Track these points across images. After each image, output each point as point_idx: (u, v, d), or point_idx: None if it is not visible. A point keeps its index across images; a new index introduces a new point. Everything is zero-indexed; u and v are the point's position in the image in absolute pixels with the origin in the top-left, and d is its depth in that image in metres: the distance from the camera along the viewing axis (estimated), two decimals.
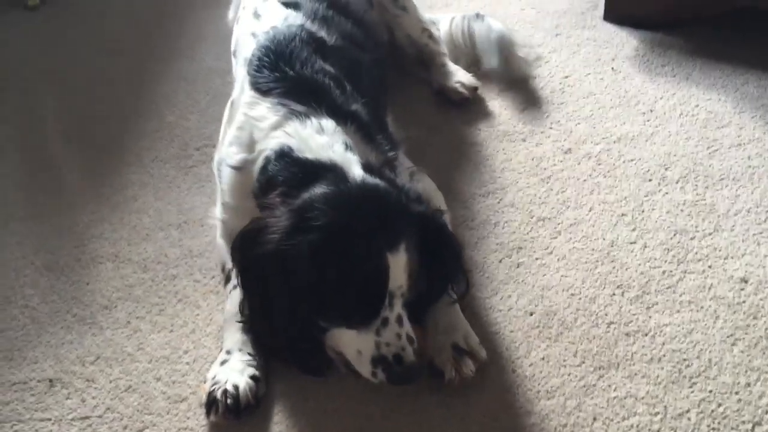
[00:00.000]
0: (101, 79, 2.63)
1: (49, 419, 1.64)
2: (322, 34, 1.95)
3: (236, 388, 1.59)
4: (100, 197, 2.16)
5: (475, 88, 2.37)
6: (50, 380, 1.72)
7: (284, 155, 1.64)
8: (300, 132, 1.67)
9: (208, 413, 1.59)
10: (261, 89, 1.78)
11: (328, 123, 1.68)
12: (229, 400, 1.57)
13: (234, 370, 1.62)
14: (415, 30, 2.45)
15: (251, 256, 1.55)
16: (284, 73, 1.78)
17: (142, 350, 1.76)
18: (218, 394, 1.58)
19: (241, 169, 1.74)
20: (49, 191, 2.21)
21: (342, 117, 1.71)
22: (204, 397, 1.60)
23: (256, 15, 2.05)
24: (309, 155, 1.62)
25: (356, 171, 1.59)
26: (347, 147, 1.65)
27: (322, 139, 1.65)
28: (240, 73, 1.92)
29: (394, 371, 1.50)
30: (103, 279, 1.93)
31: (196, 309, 1.84)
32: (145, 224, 2.06)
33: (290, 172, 1.62)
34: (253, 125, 1.74)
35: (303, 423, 1.60)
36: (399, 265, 1.50)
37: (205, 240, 2.00)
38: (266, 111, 1.73)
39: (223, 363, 1.65)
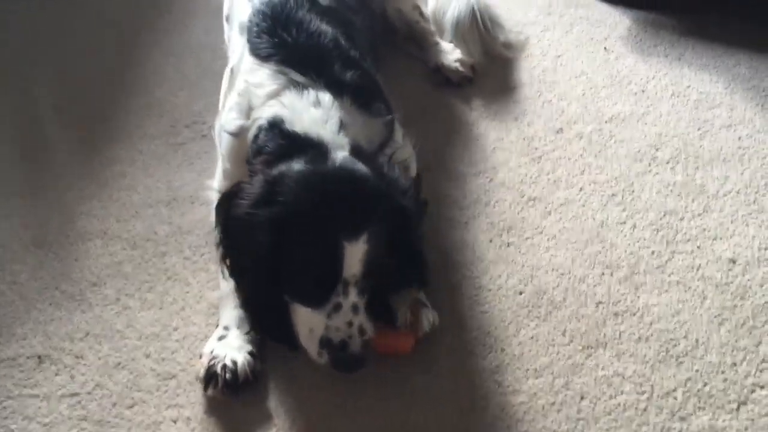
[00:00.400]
0: (91, 53, 2.59)
1: (38, 396, 1.64)
2: None
3: (235, 363, 1.60)
4: (89, 173, 2.14)
5: (473, 65, 2.36)
6: (39, 357, 1.71)
7: (275, 125, 1.64)
8: (295, 104, 1.66)
9: (206, 387, 1.60)
10: (260, 55, 1.77)
11: (326, 96, 1.68)
12: (228, 375, 1.58)
13: (232, 346, 1.63)
14: (407, 5, 2.43)
15: (226, 216, 1.59)
16: (282, 39, 1.78)
17: (132, 327, 1.76)
18: (218, 368, 1.59)
19: (237, 135, 1.75)
20: (38, 167, 2.18)
21: (339, 89, 1.71)
22: (202, 372, 1.60)
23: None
24: (298, 128, 1.62)
25: (340, 153, 1.57)
26: (341, 126, 1.64)
27: (316, 113, 1.65)
28: (237, 41, 1.91)
29: (338, 356, 1.52)
30: (92, 256, 1.92)
31: (185, 286, 1.83)
32: (134, 201, 2.05)
33: (277, 142, 1.62)
34: (251, 92, 1.74)
35: (294, 401, 1.61)
36: (356, 255, 1.49)
37: (194, 217, 1.99)
38: (266, 78, 1.73)
39: (220, 338, 1.65)
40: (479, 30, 2.42)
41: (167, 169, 2.13)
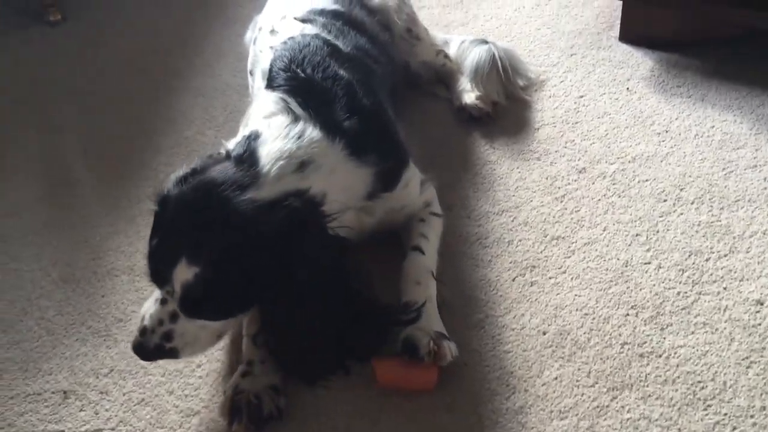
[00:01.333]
0: (120, 94, 2.66)
1: (63, 431, 1.65)
2: (338, 42, 1.97)
3: (259, 398, 1.60)
4: (117, 211, 2.18)
5: (495, 103, 2.39)
6: (64, 392, 1.73)
7: (251, 138, 1.65)
8: (278, 128, 1.67)
9: (230, 422, 1.59)
10: (272, 85, 1.80)
11: (313, 134, 1.67)
12: (252, 410, 1.58)
13: (256, 381, 1.63)
14: (430, 55, 2.49)
15: None
16: (295, 73, 1.80)
17: (156, 364, 1.76)
18: (242, 403, 1.59)
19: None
20: (67, 204, 2.23)
21: (334, 132, 1.69)
22: (227, 406, 1.60)
23: (273, 32, 2.08)
24: (261, 150, 1.62)
25: (251, 194, 1.54)
26: (299, 167, 1.61)
27: (288, 146, 1.63)
28: (260, 86, 1.94)
29: (135, 337, 1.59)
30: (119, 292, 1.94)
31: None
32: None
33: (238, 150, 1.63)
34: (252, 114, 1.79)
35: None
36: (180, 274, 1.50)
37: None
38: (268, 102, 1.75)
39: (244, 374, 1.65)
40: (499, 76, 2.46)
41: None
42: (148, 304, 1.61)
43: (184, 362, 1.76)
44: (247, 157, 1.61)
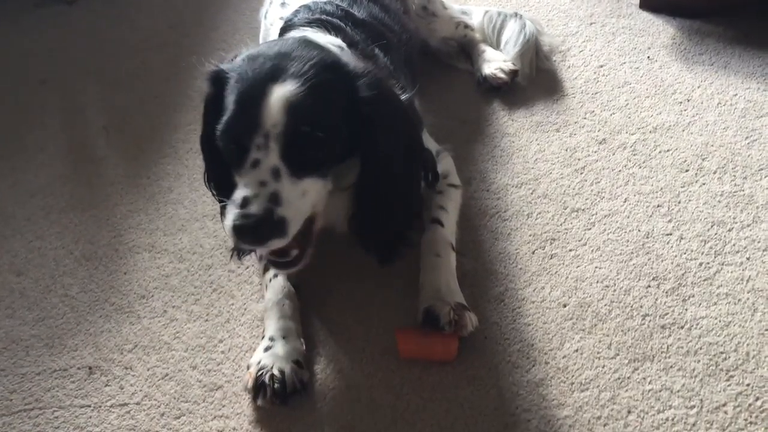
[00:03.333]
0: (138, 71, 2.66)
1: (89, 406, 1.68)
2: (353, 10, 1.96)
3: (282, 373, 1.61)
4: (137, 188, 2.20)
5: (514, 72, 2.36)
6: (89, 367, 1.76)
7: (288, 23, 1.73)
8: (308, 31, 1.72)
9: (255, 397, 1.61)
10: (293, 27, 1.82)
11: (337, 40, 1.70)
12: (276, 385, 1.59)
13: (279, 356, 1.65)
14: (450, 28, 2.47)
15: None
16: (312, 11, 1.84)
17: (179, 339, 1.79)
18: (266, 378, 1.60)
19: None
20: (88, 183, 2.25)
21: (354, 44, 1.73)
22: (251, 382, 1.62)
23: (284, 4, 2.08)
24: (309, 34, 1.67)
25: (322, 39, 1.61)
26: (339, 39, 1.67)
27: (328, 38, 1.66)
28: (275, 23, 2.00)
29: (236, 213, 1.38)
30: (140, 269, 1.96)
31: (230, 299, 1.86)
32: (180, 215, 2.09)
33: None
34: (271, 28, 1.85)
35: (339, 409, 1.62)
36: (278, 100, 1.40)
37: None
38: (287, 12, 1.82)
39: (267, 349, 1.67)
40: (533, 50, 2.44)
41: None
42: (238, 189, 1.42)
43: (206, 338, 1.78)
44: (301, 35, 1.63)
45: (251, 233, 1.39)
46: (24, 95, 2.63)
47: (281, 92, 1.41)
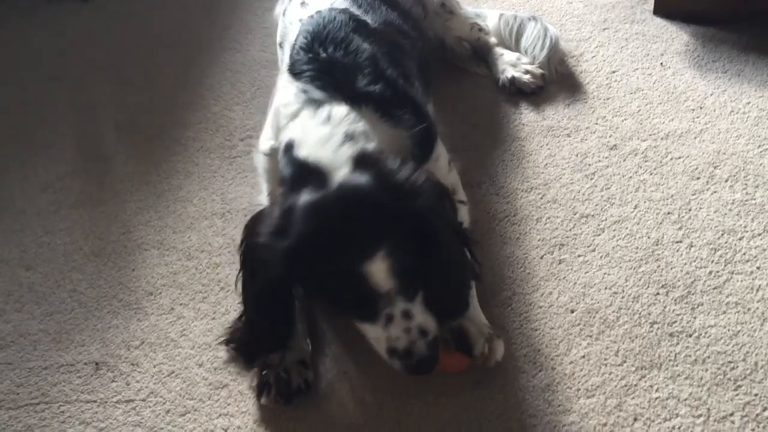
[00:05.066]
0: (150, 69, 2.67)
1: (95, 401, 1.69)
2: (366, 17, 1.95)
3: (287, 372, 1.62)
4: (147, 185, 2.20)
5: (544, 74, 2.36)
6: (96, 363, 1.76)
7: (288, 150, 1.63)
8: (307, 125, 1.64)
9: (259, 396, 1.62)
10: (294, 72, 1.77)
11: (340, 110, 1.64)
12: (281, 385, 1.60)
13: (284, 355, 1.65)
14: (465, 29, 2.46)
15: (247, 241, 1.59)
16: (316, 54, 1.77)
17: (185, 336, 1.79)
18: (271, 378, 1.61)
19: (269, 155, 1.78)
20: (98, 179, 2.26)
21: (358, 100, 1.67)
22: (256, 381, 1.62)
23: (304, 4, 2.06)
24: (303, 153, 1.59)
25: (340, 173, 1.53)
26: (346, 138, 1.59)
27: (322, 131, 1.61)
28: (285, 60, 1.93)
29: (407, 362, 1.51)
30: (149, 266, 1.97)
31: (238, 297, 1.86)
32: (189, 213, 2.10)
33: (290, 170, 1.61)
34: (279, 111, 1.75)
35: (344, 411, 1.62)
36: (380, 273, 1.46)
37: None
38: (291, 97, 1.72)
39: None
40: (552, 53, 2.43)
41: (222, 182, 2.18)
42: (375, 332, 1.53)
43: (213, 336, 1.78)
44: (303, 171, 1.57)
45: (428, 369, 1.54)
46: (35, 91, 2.64)
47: (380, 267, 1.46)
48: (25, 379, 1.74)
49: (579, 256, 1.88)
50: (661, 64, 2.42)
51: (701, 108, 2.25)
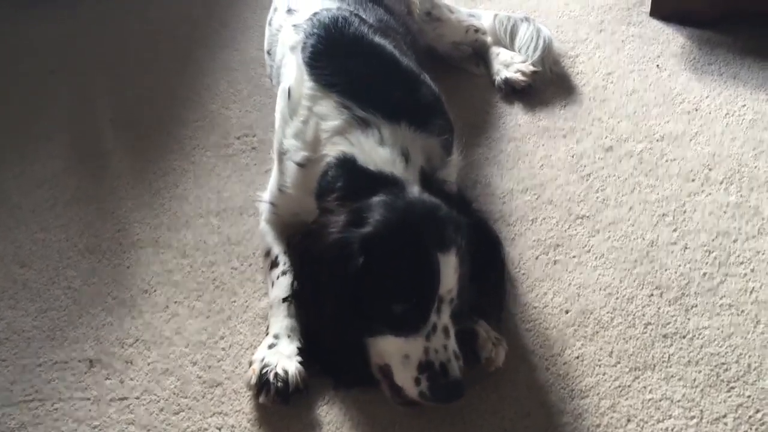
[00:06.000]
0: (148, 65, 2.67)
1: (89, 399, 1.68)
2: (362, 14, 1.97)
3: (286, 372, 1.61)
4: (143, 183, 2.20)
5: (535, 73, 2.36)
6: (90, 360, 1.76)
7: (346, 163, 1.68)
8: (363, 143, 1.69)
9: (257, 395, 1.61)
10: (322, 83, 1.79)
11: (386, 131, 1.70)
12: (279, 384, 1.59)
13: (283, 354, 1.64)
14: (459, 33, 2.47)
15: (311, 250, 1.61)
16: (342, 64, 1.79)
17: (180, 335, 1.79)
18: (270, 376, 1.60)
19: (304, 166, 1.77)
20: (94, 176, 2.25)
21: (396, 116, 1.72)
22: (254, 379, 1.62)
23: (290, 11, 2.06)
24: (372, 167, 1.65)
25: (414, 188, 1.62)
26: (407, 160, 1.67)
27: (384, 152, 1.67)
28: (291, 61, 1.91)
29: (439, 382, 1.49)
30: (143, 263, 1.96)
31: (233, 296, 1.86)
32: (185, 211, 2.10)
33: (351, 180, 1.65)
34: (317, 123, 1.76)
35: (338, 410, 1.62)
36: (449, 268, 1.51)
37: (243, 228, 2.02)
38: (330, 110, 1.75)
39: (271, 346, 1.67)
40: (546, 54, 2.44)
41: (218, 180, 2.17)
42: (410, 349, 1.51)
43: (207, 334, 1.78)
44: (375, 180, 1.63)
45: (458, 395, 1.52)
46: (33, 85, 2.63)
47: (452, 262, 1.51)
48: (18, 376, 1.73)
49: (574, 257, 1.89)
50: (658, 66, 2.43)
51: (697, 110, 2.26)
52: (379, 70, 1.80)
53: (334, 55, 1.81)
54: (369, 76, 1.78)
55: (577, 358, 1.68)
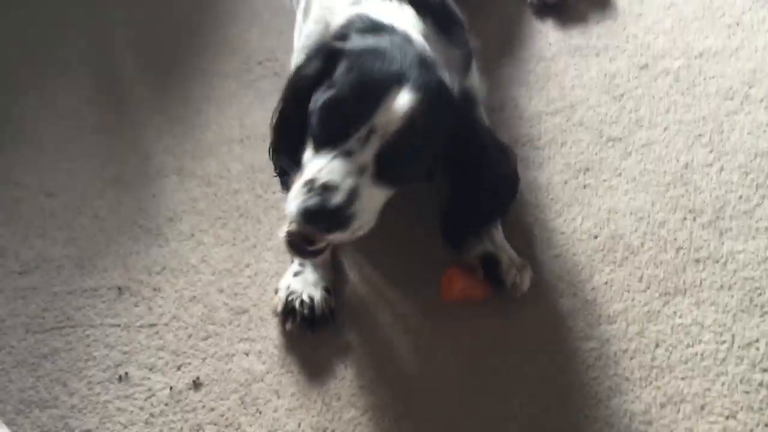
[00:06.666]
0: None
1: (119, 325, 1.71)
2: None
3: (312, 299, 1.61)
4: (164, 112, 2.17)
5: None
6: (119, 288, 1.78)
7: (357, 18, 1.57)
8: (377, 5, 1.60)
9: (283, 322, 1.62)
10: None
11: (407, 10, 1.61)
12: (306, 311, 1.60)
13: (308, 281, 1.64)
14: None
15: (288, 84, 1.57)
16: None
17: (206, 263, 1.80)
18: (296, 303, 1.61)
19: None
20: (115, 106, 2.23)
21: (423, 8, 1.63)
22: (280, 306, 1.62)
23: None
24: (384, 19, 1.55)
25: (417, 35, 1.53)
26: (422, 34, 1.58)
27: (401, 15, 1.59)
28: None
29: (307, 204, 1.35)
30: (168, 192, 1.96)
31: (257, 224, 1.85)
32: (208, 139, 2.07)
33: (358, 25, 1.55)
34: (328, 12, 1.68)
35: (364, 339, 1.63)
36: (398, 103, 1.37)
37: (266, 156, 1.96)
38: None
39: (296, 274, 1.66)
40: None
41: (239, 107, 2.14)
42: (314, 166, 1.39)
43: (233, 262, 1.78)
44: (381, 26, 1.53)
45: (325, 220, 1.36)
46: (51, 16, 2.59)
47: (407, 100, 1.38)
48: (50, 303, 1.77)
49: (604, 180, 1.83)
50: None
51: (738, 24, 2.14)
52: None
53: None
54: None
55: (606, 283, 1.65)
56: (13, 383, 1.65)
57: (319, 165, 1.39)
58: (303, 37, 1.78)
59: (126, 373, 1.64)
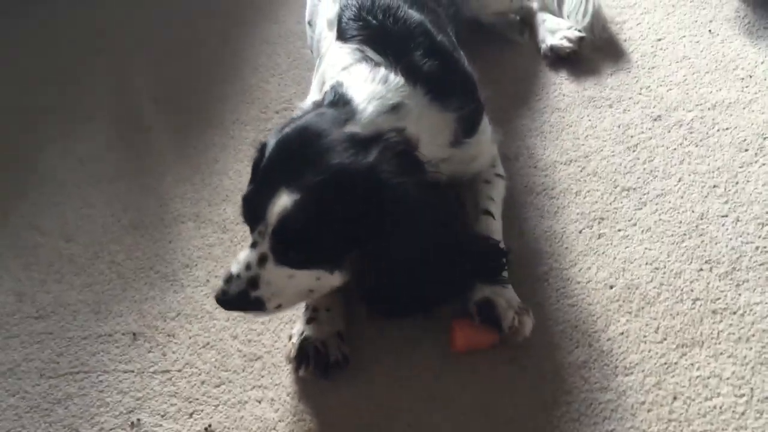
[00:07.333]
0: (188, 41, 2.67)
1: (132, 371, 1.71)
2: None
3: (325, 345, 1.62)
4: (183, 158, 2.21)
5: (581, 39, 2.29)
6: (134, 334, 1.79)
7: (331, 90, 1.63)
8: (361, 75, 1.63)
9: (297, 368, 1.62)
10: (344, 37, 1.76)
11: (397, 79, 1.63)
12: (319, 357, 1.60)
13: (322, 328, 1.65)
14: (504, 3, 2.39)
15: None
16: (367, 21, 1.75)
17: (220, 309, 1.79)
18: (309, 350, 1.61)
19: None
20: (136, 152, 2.28)
21: (414, 77, 1.65)
22: (294, 352, 1.62)
23: None
24: (350, 93, 1.59)
25: (350, 128, 1.53)
26: (393, 109, 1.58)
27: (377, 89, 1.60)
28: (327, 36, 1.89)
29: (223, 287, 1.52)
30: (185, 238, 1.98)
31: None
32: (225, 185, 2.10)
33: (329, 97, 1.62)
34: (327, 69, 1.74)
35: (381, 386, 1.61)
36: (280, 204, 1.45)
37: None
38: (343, 55, 1.71)
39: (310, 320, 1.67)
40: (601, 22, 2.37)
41: None
42: (239, 256, 1.55)
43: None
44: (339, 99, 1.59)
45: (226, 306, 1.54)
46: (76, 64, 2.67)
47: (284, 201, 1.46)
48: (65, 348, 1.78)
49: (619, 230, 1.83)
50: (710, 31, 2.33)
51: (751, 77, 2.16)
52: (404, 34, 1.72)
53: (361, 18, 1.76)
54: (393, 35, 1.71)
55: (622, 334, 1.63)
56: (26, 429, 1.65)
57: (238, 256, 1.54)
58: (311, 90, 1.83)
59: (138, 420, 1.63)
